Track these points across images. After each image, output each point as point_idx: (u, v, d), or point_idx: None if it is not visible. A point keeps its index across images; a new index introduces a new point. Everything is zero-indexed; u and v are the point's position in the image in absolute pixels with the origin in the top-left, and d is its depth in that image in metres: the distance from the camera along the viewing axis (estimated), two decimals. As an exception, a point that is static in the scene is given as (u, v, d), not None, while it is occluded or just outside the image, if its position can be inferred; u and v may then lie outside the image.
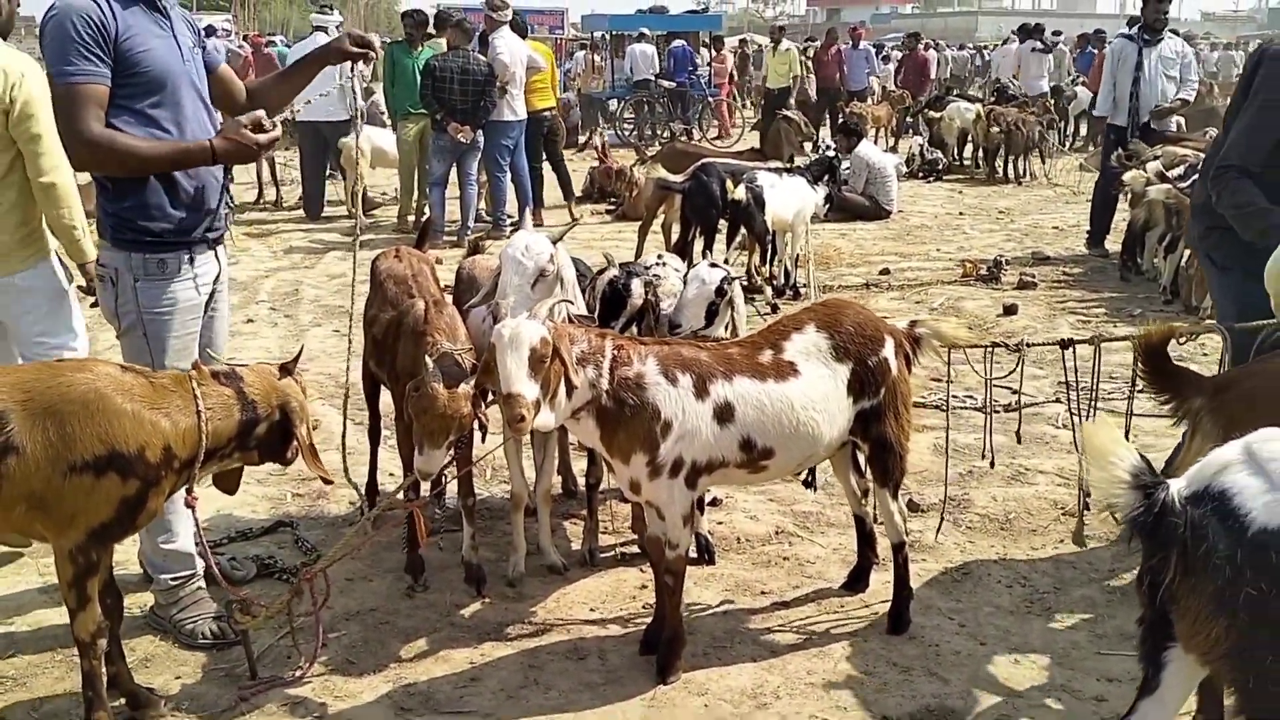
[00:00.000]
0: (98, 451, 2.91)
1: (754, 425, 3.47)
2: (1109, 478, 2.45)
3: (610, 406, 3.35)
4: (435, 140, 10.89)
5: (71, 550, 2.99)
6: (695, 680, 3.58)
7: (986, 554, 4.52)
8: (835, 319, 3.70)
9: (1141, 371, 3.44)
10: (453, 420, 3.51)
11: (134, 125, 3.43)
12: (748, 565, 4.40)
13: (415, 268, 4.34)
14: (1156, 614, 2.53)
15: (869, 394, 3.67)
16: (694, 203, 8.72)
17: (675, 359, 3.45)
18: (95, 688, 3.10)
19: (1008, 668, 3.69)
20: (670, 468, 3.40)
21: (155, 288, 3.54)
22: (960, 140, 16.70)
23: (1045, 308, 8.56)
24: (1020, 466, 5.44)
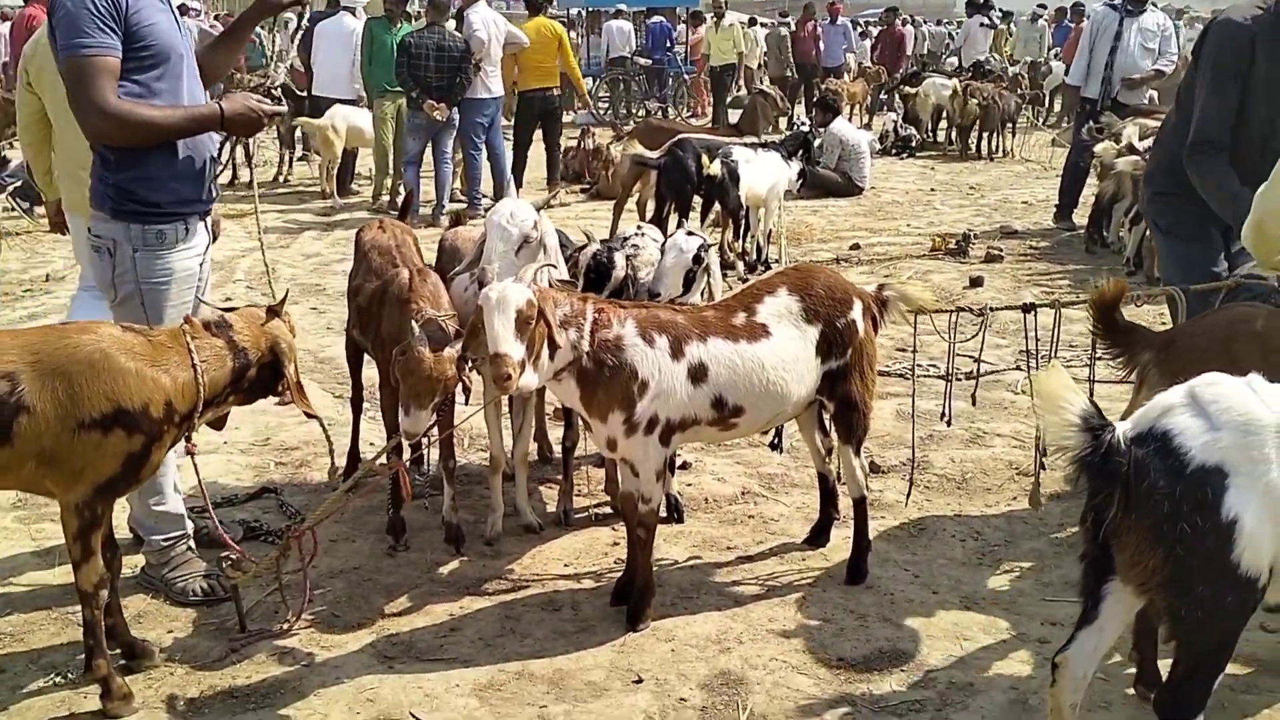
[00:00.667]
0: (104, 409, 3.10)
1: (726, 384, 3.69)
2: (1060, 421, 2.69)
3: (590, 368, 3.57)
4: (411, 118, 11.02)
5: (78, 504, 3.19)
6: (663, 628, 3.82)
7: (942, 511, 4.78)
8: (806, 283, 3.93)
9: (1095, 328, 3.69)
10: (438, 382, 3.72)
11: (139, 97, 3.55)
12: (714, 523, 4.64)
13: (399, 239, 4.55)
14: (1098, 549, 2.78)
15: (836, 354, 3.91)
16: (669, 178, 8.92)
17: (653, 322, 3.67)
18: (96, 636, 3.31)
19: (958, 614, 3.94)
20: (645, 425, 3.63)
21: (154, 258, 3.69)
22: (935, 117, 16.97)
23: (1011, 280, 8.82)
24: (978, 430, 5.69)
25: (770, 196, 9.01)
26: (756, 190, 8.83)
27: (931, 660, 3.66)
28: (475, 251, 4.05)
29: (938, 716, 3.37)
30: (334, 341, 6.81)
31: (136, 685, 3.45)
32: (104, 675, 3.32)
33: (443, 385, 3.73)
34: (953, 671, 3.59)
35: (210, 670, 3.57)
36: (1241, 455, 2.55)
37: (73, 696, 3.41)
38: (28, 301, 8.33)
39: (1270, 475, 2.54)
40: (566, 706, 3.39)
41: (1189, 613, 2.64)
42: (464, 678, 3.52)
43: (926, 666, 3.62)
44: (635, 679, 3.53)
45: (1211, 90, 4.35)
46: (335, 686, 3.47)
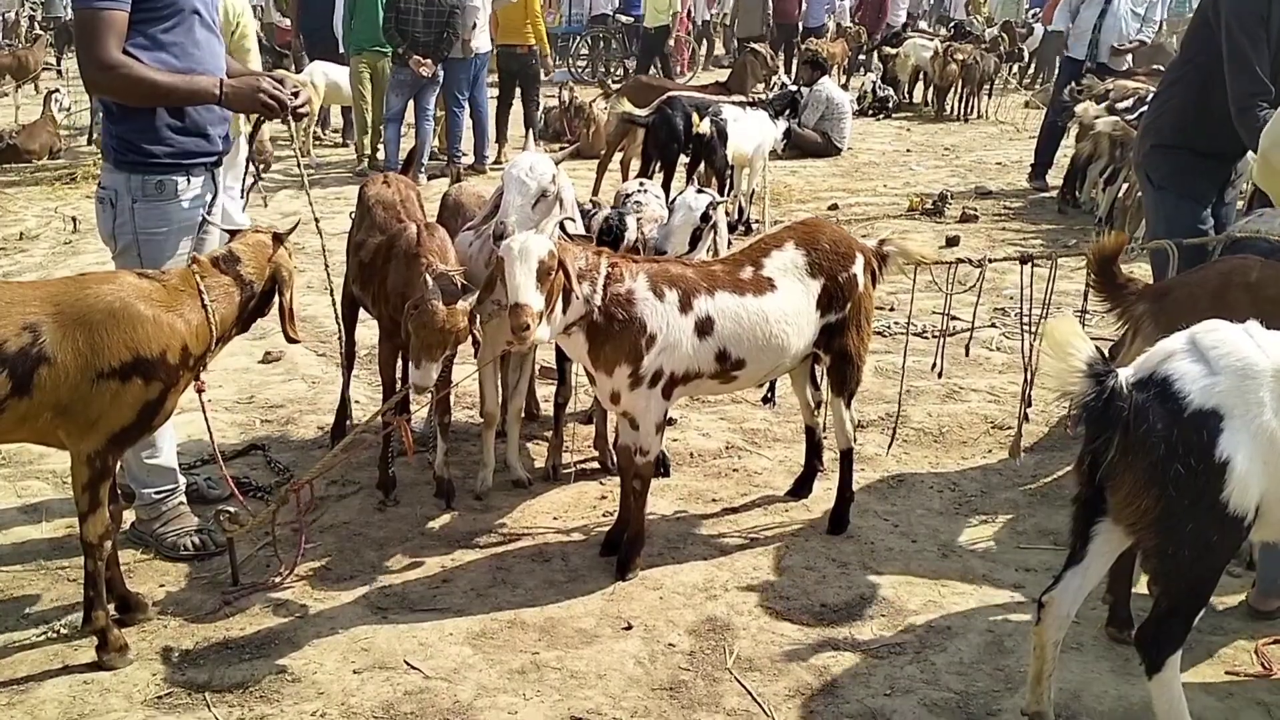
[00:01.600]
0: (124, 358, 3.14)
1: (730, 338, 3.77)
2: (1067, 367, 2.78)
3: (600, 321, 3.63)
4: (395, 74, 10.88)
5: (90, 455, 3.22)
6: (651, 577, 3.92)
7: (920, 464, 4.89)
8: (813, 237, 4.01)
9: (1093, 280, 3.78)
10: (450, 335, 3.78)
11: (145, 50, 3.58)
12: (700, 477, 4.74)
13: (403, 194, 4.58)
14: (1092, 491, 2.88)
15: (836, 308, 4.00)
16: (657, 136, 8.91)
17: (664, 276, 3.74)
18: (97, 588, 3.36)
19: (936, 561, 4.06)
20: (650, 379, 3.71)
21: (152, 209, 3.72)
22: (913, 78, 17.01)
23: (986, 240, 8.92)
24: (955, 385, 5.80)
25: (756, 156, 9.05)
26: (743, 149, 8.87)
27: (911, 605, 3.77)
28: (490, 205, 4.09)
29: (917, 658, 3.48)
30: (314, 300, 6.84)
31: (131, 638, 3.50)
32: (102, 626, 3.37)
33: (454, 338, 3.78)
34: (931, 616, 3.71)
35: (204, 623, 3.63)
36: (1237, 399, 2.65)
37: (65, 649, 3.46)
38: (2, 260, 8.31)
39: (1263, 418, 2.65)
40: (558, 653, 3.48)
41: (1176, 551, 2.75)
42: (457, 627, 3.61)
43: (906, 611, 3.74)
44: (625, 626, 3.62)
45: (1250, 43, 4.27)
46: (330, 637, 3.55)
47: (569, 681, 3.35)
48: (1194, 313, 3.10)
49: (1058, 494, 4.53)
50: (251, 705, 3.23)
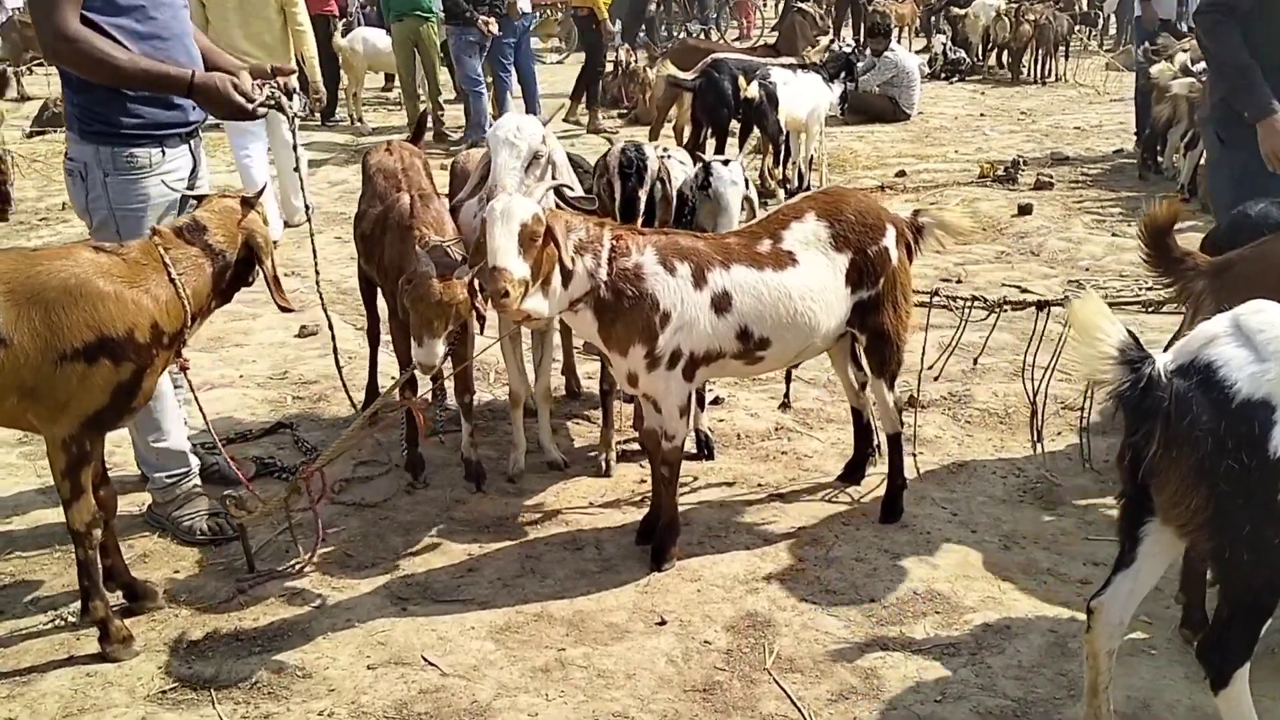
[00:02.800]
0: (87, 338, 2.98)
1: (751, 315, 3.53)
2: (1095, 353, 2.52)
3: (608, 298, 3.41)
4: (461, 37, 10.65)
5: (64, 440, 3.08)
6: (689, 567, 3.71)
7: (983, 447, 4.61)
8: (836, 207, 3.74)
9: (1145, 254, 3.49)
10: (449, 308, 3.58)
11: (104, 14, 3.37)
12: (746, 460, 4.51)
13: (406, 162, 4.39)
14: (1136, 488, 2.62)
15: (868, 284, 3.73)
16: (705, 101, 8.68)
17: (673, 249, 3.50)
18: (92, 577, 3.22)
19: (997, 553, 3.80)
20: (668, 359, 3.48)
21: (126, 183, 3.55)
22: (984, 39, 16.50)
23: (1061, 208, 8.55)
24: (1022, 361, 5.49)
25: (811, 120, 8.75)
26: (796, 114, 8.58)
27: (968, 602, 3.52)
28: (478, 172, 3.88)
29: (972, 660, 3.24)
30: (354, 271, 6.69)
31: (139, 627, 3.39)
32: (101, 617, 3.24)
33: (454, 312, 3.59)
34: (989, 613, 3.45)
35: (216, 612, 3.50)
36: None
37: (71, 639, 3.35)
38: (43, 230, 8.30)
39: None
40: (585, 649, 3.29)
41: (1234, 555, 2.48)
42: (480, 620, 3.43)
43: (962, 608, 3.49)
44: (658, 620, 3.42)
45: None
46: (345, 629, 3.39)
47: (595, 681, 3.16)
48: (1260, 290, 2.82)
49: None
50: (257, 702, 3.08)
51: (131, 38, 3.45)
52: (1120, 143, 11.04)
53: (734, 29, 21.32)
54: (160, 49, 3.53)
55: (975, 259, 7.31)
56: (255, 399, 5.19)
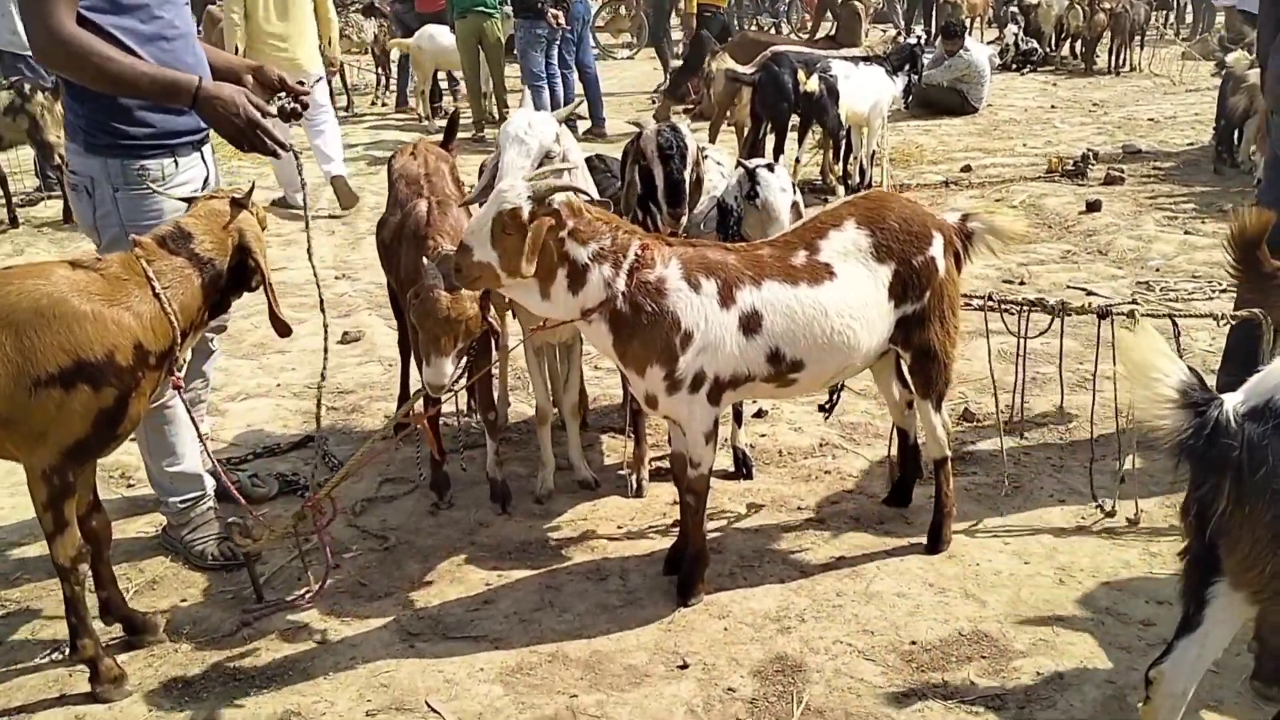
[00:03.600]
0: (63, 363, 2.70)
1: (783, 335, 3.17)
2: (1152, 395, 2.15)
3: (625, 311, 3.08)
4: (528, 31, 10.36)
5: (45, 471, 2.81)
6: (718, 602, 3.37)
7: (1042, 466, 4.20)
8: (878, 214, 3.36)
9: (1233, 267, 3.06)
10: (457, 324, 3.29)
11: (105, 14, 3.07)
12: (786, 480, 4.15)
13: (431, 166, 4.08)
14: (1203, 547, 2.24)
15: (913, 297, 3.35)
16: (764, 96, 8.26)
17: (700, 263, 3.16)
18: (79, 614, 2.98)
19: (1051, 589, 3.40)
20: (691, 383, 3.14)
21: (138, 197, 3.25)
22: (1057, 29, 15.82)
23: (1132, 204, 8.00)
24: (1087, 372, 5.03)
25: (873, 115, 8.30)
26: (857, 108, 8.14)
27: (1018, 645, 3.14)
28: (489, 174, 3.57)
29: (1020, 715, 2.86)
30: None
31: (136, 662, 3.16)
32: (91, 656, 3.00)
33: (464, 328, 3.30)
34: (1040, 659, 3.07)
35: (217, 647, 3.24)
36: None
37: (65, 676, 3.11)
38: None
39: None
40: (600, 696, 2.97)
41: None
42: (490, 660, 3.13)
43: (1011, 653, 3.10)
44: (680, 664, 3.09)
45: None
46: (348, 669, 3.11)
47: (606, 733, 2.85)
48: None
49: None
50: (246, 752, 2.83)
51: (136, 39, 3.14)
52: (1195, 135, 10.42)
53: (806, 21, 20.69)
54: (166, 50, 3.21)
55: (1040, 259, 6.84)
56: (289, 409, 4.95)
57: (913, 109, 11.74)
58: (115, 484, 4.34)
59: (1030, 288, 6.27)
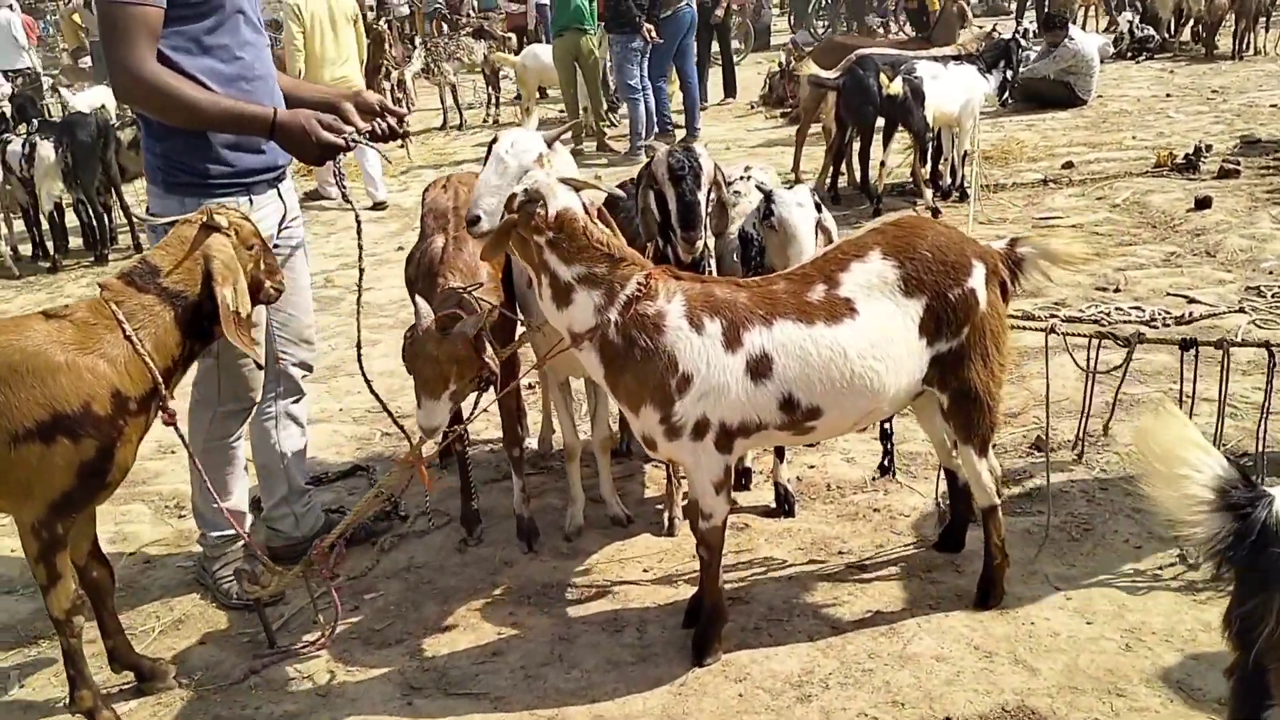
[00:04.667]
0: (40, 417, 2.53)
1: (797, 380, 2.77)
2: (1182, 495, 1.71)
3: (617, 342, 2.74)
4: (624, 45, 10.06)
5: (33, 525, 2.65)
6: (736, 662, 2.99)
7: (1120, 504, 3.65)
8: (907, 243, 2.90)
9: None
10: (448, 367, 2.99)
11: (188, 55, 2.96)
12: (831, 518, 3.72)
13: (461, 199, 3.76)
14: (1251, 668, 1.78)
15: (948, 334, 2.90)
16: (849, 100, 7.76)
17: (706, 302, 2.77)
18: (76, 665, 2.80)
19: (1115, 655, 2.91)
20: (693, 429, 2.76)
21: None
22: (1176, 14, 14.70)
23: (1246, 199, 7.20)
24: (1185, 394, 4.45)
25: (963, 114, 7.67)
26: (946, 109, 7.54)
27: (1070, 726, 2.67)
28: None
29: (1065, 817, 2.41)
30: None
31: (144, 711, 2.98)
32: (89, 708, 2.82)
33: (454, 370, 3.00)
34: (1095, 745, 2.60)
35: (224, 695, 3.03)
36: None
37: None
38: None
39: None
40: (593, 770, 2.64)
41: None
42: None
43: (1061, 735, 2.65)
44: (685, 736, 2.73)
45: None
46: (342, 727, 2.85)
47: (594, 818, 2.50)
48: None
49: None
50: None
51: (216, 79, 3.02)
52: (1323, 121, 9.43)
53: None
54: (246, 91, 3.07)
55: (1140, 262, 6.17)
56: (345, 435, 4.74)
57: (1017, 103, 11.00)
58: (169, 513, 4.19)
59: (1126, 295, 5.64)
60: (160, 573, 3.75)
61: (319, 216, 8.98)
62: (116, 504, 4.17)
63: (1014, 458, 3.98)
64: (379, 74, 12.79)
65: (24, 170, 8.16)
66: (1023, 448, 4.08)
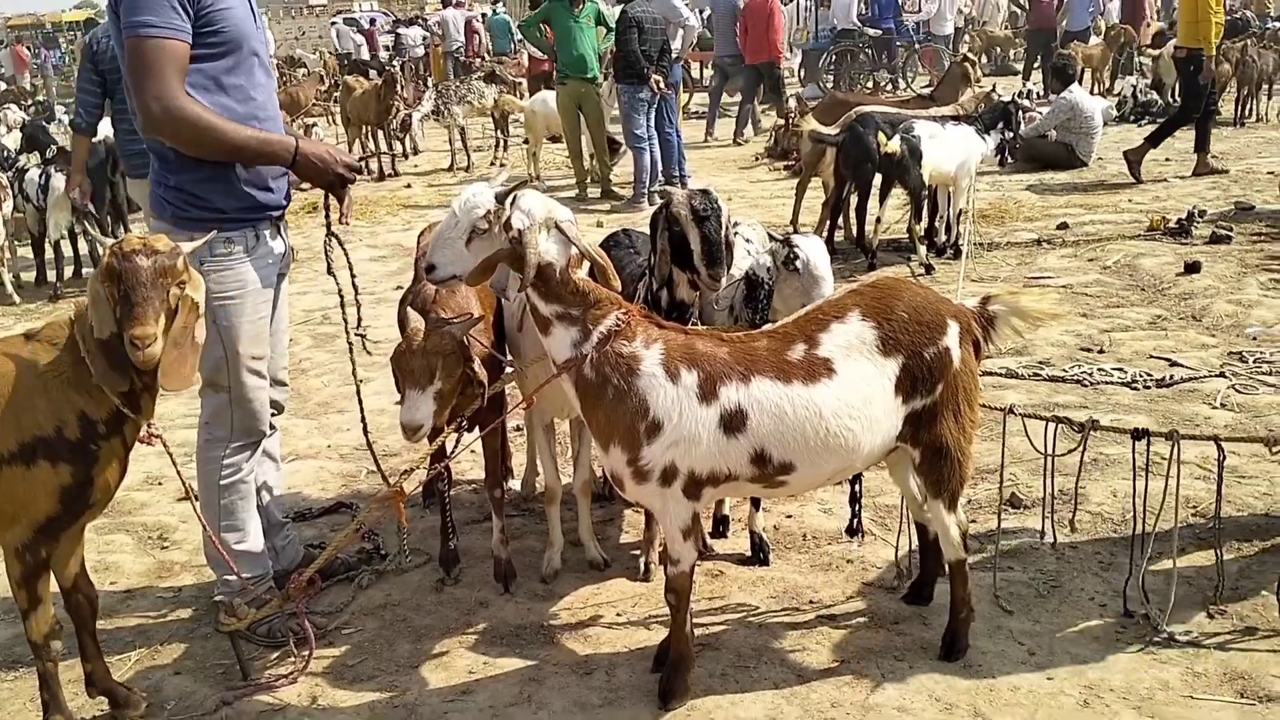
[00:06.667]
0: (23, 439, 2.63)
1: (770, 436, 2.85)
2: None
3: (590, 377, 2.85)
4: (631, 95, 10.23)
5: (18, 549, 2.75)
6: (701, 708, 3.05)
7: (1088, 563, 3.73)
8: (885, 305, 3.00)
9: None
10: (434, 359, 3.13)
11: (206, 92, 3.08)
12: (804, 568, 3.80)
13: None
14: None
15: (923, 391, 2.99)
16: (848, 156, 7.91)
17: (685, 353, 2.87)
18: (51, 689, 2.89)
19: (1073, 710, 2.97)
20: (660, 475, 2.85)
21: (225, 270, 3.19)
22: (1180, 79, 14.91)
23: (1236, 265, 7.31)
24: (1156, 454, 4.50)
25: (960, 174, 7.80)
26: (942, 168, 7.68)
27: (1023, 780, 2.73)
28: None
29: None
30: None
31: (114, 741, 3.03)
32: (61, 734, 2.89)
33: (442, 365, 3.14)
34: (1047, 801, 2.66)
35: (193, 725, 3.10)
36: None
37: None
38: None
39: None
40: (552, 811, 2.70)
41: None
42: (451, 761, 2.89)
43: (1014, 789, 2.71)
44: (646, 779, 2.80)
45: None
46: (309, 761, 2.92)
47: None
48: None
49: (1261, 618, 3.32)
50: None
51: (233, 117, 3.14)
52: (1319, 190, 9.56)
53: (923, 76, 20.05)
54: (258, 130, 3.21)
55: (1125, 324, 6.28)
56: (331, 472, 4.83)
57: (1018, 163, 11.16)
58: (152, 544, 4.27)
59: (1110, 356, 5.74)
60: (140, 602, 3.82)
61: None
62: (100, 533, 4.25)
63: (988, 513, 4.05)
64: (389, 114, 13.04)
65: (40, 200, 8.34)
66: (995, 505, 4.15)
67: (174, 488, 4.71)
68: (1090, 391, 5.27)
